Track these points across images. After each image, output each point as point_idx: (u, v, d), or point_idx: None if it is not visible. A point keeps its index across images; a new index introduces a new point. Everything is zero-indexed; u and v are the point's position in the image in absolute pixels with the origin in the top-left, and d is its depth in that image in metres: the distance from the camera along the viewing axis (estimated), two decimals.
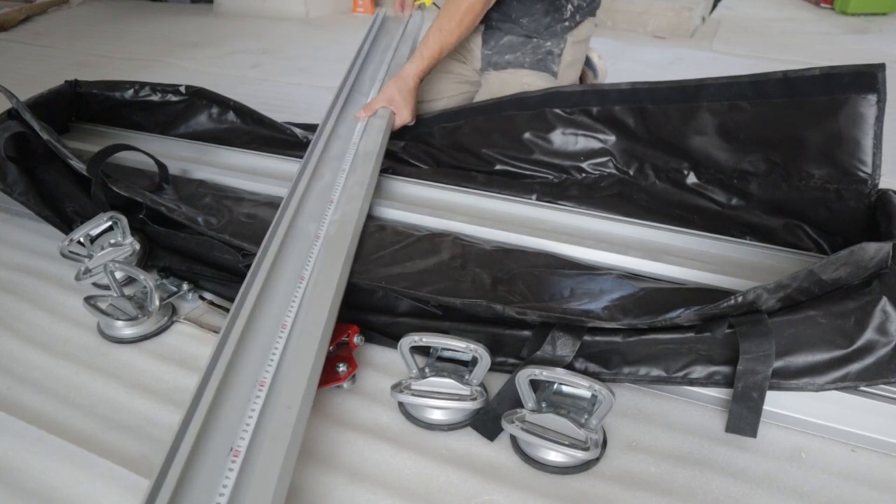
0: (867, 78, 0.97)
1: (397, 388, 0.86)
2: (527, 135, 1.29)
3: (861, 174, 1.00)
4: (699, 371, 0.84)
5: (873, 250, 0.78)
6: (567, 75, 1.54)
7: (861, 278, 0.81)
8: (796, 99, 1.03)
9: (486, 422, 0.84)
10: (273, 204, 1.25)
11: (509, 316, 0.89)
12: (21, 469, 0.80)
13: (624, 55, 2.79)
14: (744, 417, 0.81)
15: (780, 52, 2.85)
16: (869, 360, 0.78)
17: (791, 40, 3.05)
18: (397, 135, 1.43)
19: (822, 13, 3.57)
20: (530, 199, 1.22)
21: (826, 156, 1.02)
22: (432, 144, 1.39)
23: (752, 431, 0.81)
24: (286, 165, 1.37)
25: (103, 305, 1.03)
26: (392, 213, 1.20)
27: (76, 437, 0.83)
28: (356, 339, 0.93)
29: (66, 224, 1.22)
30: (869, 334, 0.78)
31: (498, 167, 1.32)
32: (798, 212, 1.07)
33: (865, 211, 1.00)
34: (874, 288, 0.79)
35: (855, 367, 0.79)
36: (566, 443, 0.77)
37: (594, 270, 1.02)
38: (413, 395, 0.85)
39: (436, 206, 1.21)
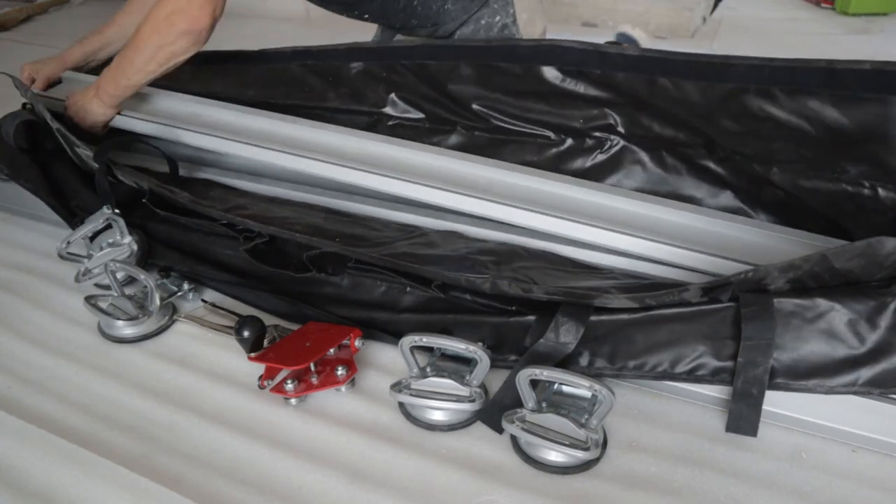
0: None
1: (397, 387, 0.86)
2: (520, 90, 1.23)
3: None
4: (705, 368, 0.83)
5: (891, 246, 0.75)
6: (534, 33, 1.48)
7: (875, 276, 0.79)
8: (838, 92, 0.96)
9: (493, 414, 0.84)
10: (278, 200, 1.25)
11: (515, 295, 0.88)
12: (21, 469, 0.80)
13: None
14: (744, 416, 0.81)
15: (781, 52, 2.83)
16: (883, 365, 0.77)
17: (792, 40, 3.05)
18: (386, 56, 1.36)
19: (823, 13, 3.56)
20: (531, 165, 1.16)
21: (866, 154, 0.98)
22: (417, 85, 1.33)
23: (752, 430, 0.81)
24: (293, 164, 1.34)
25: (104, 305, 1.03)
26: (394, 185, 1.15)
27: (76, 437, 0.83)
28: (357, 343, 0.92)
29: (70, 216, 1.22)
30: (882, 335, 0.77)
31: (494, 123, 1.27)
32: (821, 204, 1.02)
33: None
34: (892, 290, 0.78)
35: (866, 371, 0.78)
36: (566, 443, 0.77)
37: (598, 271, 1.01)
38: (412, 394, 0.85)
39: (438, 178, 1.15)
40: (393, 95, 1.36)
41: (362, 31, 1.74)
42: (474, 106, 1.27)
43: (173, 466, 0.80)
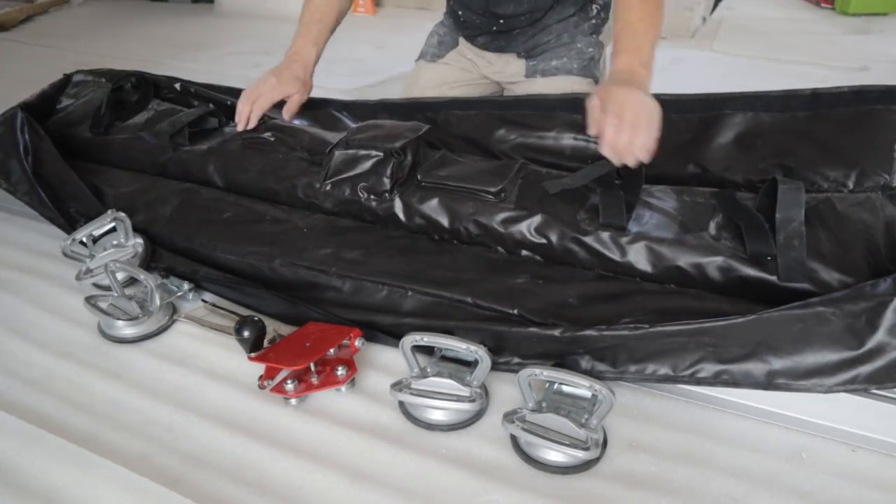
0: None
1: (397, 386, 0.86)
2: (538, 135, 1.26)
3: (882, 178, 1.00)
4: (707, 370, 0.83)
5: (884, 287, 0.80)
6: (602, 78, 1.55)
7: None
8: (820, 111, 1.06)
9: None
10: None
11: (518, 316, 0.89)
12: (21, 469, 0.80)
13: None
14: (793, 266, 0.87)
15: (781, 52, 2.84)
16: (880, 363, 0.78)
17: (792, 40, 3.05)
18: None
19: (823, 13, 3.56)
20: None
21: (844, 160, 1.03)
22: (444, 131, 1.37)
23: (803, 277, 0.87)
24: None
25: (104, 305, 1.03)
26: None
27: (76, 437, 0.83)
28: (357, 343, 0.93)
29: (70, 224, 1.22)
30: (881, 335, 0.78)
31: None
32: (811, 212, 1.06)
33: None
34: (888, 288, 0.79)
35: (865, 368, 0.78)
36: (566, 443, 0.77)
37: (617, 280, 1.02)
38: (412, 394, 0.85)
39: None
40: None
41: (359, 32, 1.74)
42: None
43: (173, 466, 0.80)
